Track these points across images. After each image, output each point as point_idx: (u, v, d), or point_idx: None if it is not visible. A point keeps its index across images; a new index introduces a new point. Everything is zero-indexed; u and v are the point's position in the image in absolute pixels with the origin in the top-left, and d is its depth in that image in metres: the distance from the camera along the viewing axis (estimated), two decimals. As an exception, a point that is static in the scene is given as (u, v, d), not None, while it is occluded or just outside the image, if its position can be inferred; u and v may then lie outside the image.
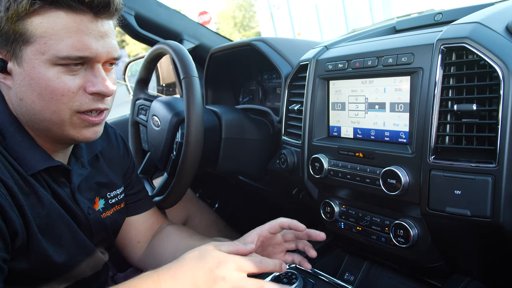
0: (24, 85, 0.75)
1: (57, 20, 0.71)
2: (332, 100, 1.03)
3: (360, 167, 0.93)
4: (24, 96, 0.76)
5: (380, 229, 0.93)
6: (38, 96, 0.75)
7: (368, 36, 1.15)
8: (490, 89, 0.74)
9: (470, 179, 0.73)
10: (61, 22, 0.72)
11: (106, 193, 1.00)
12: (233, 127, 1.30)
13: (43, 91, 0.74)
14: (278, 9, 11.04)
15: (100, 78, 0.78)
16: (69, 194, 0.88)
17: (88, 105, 0.78)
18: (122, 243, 1.15)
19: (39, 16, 0.71)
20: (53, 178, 0.85)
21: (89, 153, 0.98)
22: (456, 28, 0.80)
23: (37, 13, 0.71)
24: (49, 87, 0.74)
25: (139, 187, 1.17)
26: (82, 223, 0.90)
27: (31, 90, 0.75)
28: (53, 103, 0.75)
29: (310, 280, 0.99)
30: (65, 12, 0.72)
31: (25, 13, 0.71)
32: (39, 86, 0.74)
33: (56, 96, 0.75)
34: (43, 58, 0.72)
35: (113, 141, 1.10)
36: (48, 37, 0.71)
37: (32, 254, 0.78)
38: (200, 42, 1.76)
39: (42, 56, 0.72)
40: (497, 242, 0.78)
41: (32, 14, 0.71)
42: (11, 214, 0.72)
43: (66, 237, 0.85)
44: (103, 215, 0.98)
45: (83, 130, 0.81)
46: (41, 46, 0.72)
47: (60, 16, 0.72)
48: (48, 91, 0.74)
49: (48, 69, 0.73)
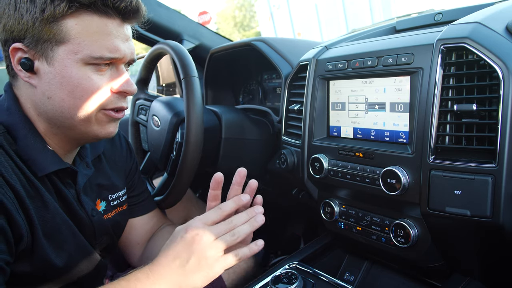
0: (54, 83, 0.77)
1: (91, 23, 0.76)
2: (332, 100, 1.03)
3: (360, 167, 0.93)
4: (53, 95, 0.78)
5: (380, 229, 0.93)
6: (69, 94, 0.78)
7: (368, 36, 1.15)
8: (490, 89, 0.74)
9: (470, 179, 0.73)
10: (95, 25, 0.76)
11: (107, 195, 1.00)
12: (233, 127, 1.30)
13: (74, 89, 0.78)
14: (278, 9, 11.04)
15: (125, 78, 0.84)
16: (74, 195, 0.89)
17: (114, 103, 0.83)
18: (123, 244, 1.15)
19: (73, 18, 0.75)
20: (60, 179, 0.86)
21: (93, 153, 0.98)
22: (456, 28, 0.80)
23: (72, 16, 0.75)
24: (80, 85, 0.78)
25: (141, 189, 1.17)
26: (86, 225, 0.90)
27: (61, 88, 0.77)
28: (83, 101, 0.79)
29: (310, 280, 0.99)
30: (99, 16, 0.76)
31: (62, 15, 0.74)
32: (70, 85, 0.77)
33: (86, 94, 0.79)
34: (76, 58, 0.76)
35: (116, 142, 1.10)
36: (82, 38, 0.76)
37: (35, 257, 0.78)
38: (200, 42, 1.76)
39: (75, 56, 0.76)
40: (497, 242, 0.78)
41: (68, 16, 0.74)
42: (17, 218, 0.73)
43: (68, 241, 0.85)
44: (105, 217, 0.98)
45: (106, 125, 0.85)
46: (75, 46, 0.76)
47: (94, 19, 0.76)
48: (79, 89, 0.78)
49: (80, 68, 0.77)
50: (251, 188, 0.90)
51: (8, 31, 0.75)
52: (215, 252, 0.76)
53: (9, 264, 0.72)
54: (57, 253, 0.82)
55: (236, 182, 0.89)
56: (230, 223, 0.81)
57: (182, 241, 0.77)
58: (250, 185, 0.90)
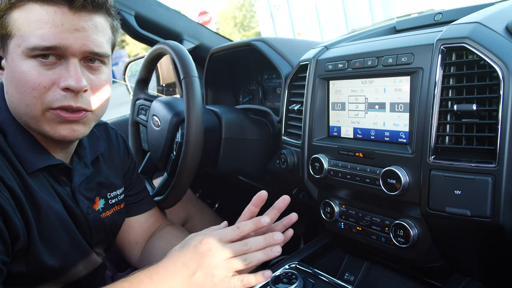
0: (7, 78, 0.76)
1: (31, 12, 0.73)
2: (332, 100, 1.03)
3: (360, 167, 0.93)
4: (7, 90, 0.78)
5: (380, 229, 0.93)
6: (15, 89, 0.75)
7: (368, 36, 1.15)
8: (490, 89, 0.74)
9: (470, 179, 0.73)
10: (35, 14, 0.72)
11: (106, 193, 1.00)
12: (233, 127, 1.30)
13: (18, 84, 0.75)
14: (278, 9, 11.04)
15: (72, 72, 0.75)
16: (69, 193, 0.88)
17: (60, 102, 0.76)
18: (121, 244, 1.15)
19: (18, 10, 0.73)
20: (54, 176, 0.85)
21: (93, 153, 0.98)
22: (456, 28, 0.80)
23: (17, 7, 0.73)
24: (22, 79, 0.74)
25: (140, 188, 1.17)
26: (81, 223, 0.90)
27: (11, 83, 0.76)
28: (26, 96, 0.75)
29: (310, 280, 0.99)
30: (40, 5, 0.73)
31: (6, 8, 0.73)
32: (15, 79, 0.75)
33: (27, 89, 0.74)
34: (19, 51, 0.73)
35: (114, 141, 1.10)
36: (23, 30, 0.73)
37: (30, 258, 0.78)
38: (200, 42, 1.76)
39: (18, 48, 0.73)
40: (497, 242, 0.78)
41: (13, 8, 0.73)
42: (13, 218, 0.72)
43: (63, 240, 0.84)
44: (103, 215, 0.98)
45: (57, 126, 0.78)
46: (18, 39, 0.73)
47: (35, 8, 0.73)
48: (21, 83, 0.74)
49: (23, 62, 0.74)
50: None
51: None
52: (223, 272, 0.74)
53: (6, 264, 0.72)
54: (52, 253, 0.82)
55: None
56: (246, 245, 0.77)
57: (194, 251, 0.75)
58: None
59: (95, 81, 0.81)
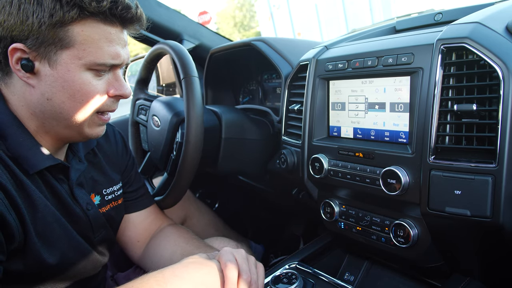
0: (56, 86, 0.79)
1: (96, 30, 0.78)
2: (332, 100, 1.03)
3: (360, 167, 0.93)
4: (53, 97, 0.80)
5: (380, 229, 0.93)
6: (70, 97, 0.80)
7: (368, 36, 1.15)
8: (490, 89, 0.74)
9: (470, 179, 0.73)
10: (100, 32, 0.78)
11: (102, 189, 1.01)
12: (233, 127, 1.30)
13: (75, 93, 0.80)
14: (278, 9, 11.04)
15: (121, 82, 0.86)
16: (68, 190, 0.89)
17: (109, 107, 0.87)
18: (122, 241, 1.16)
19: (80, 24, 0.76)
20: (52, 175, 0.86)
21: (85, 148, 0.99)
22: (456, 28, 0.80)
23: (79, 22, 0.76)
24: (82, 89, 0.80)
25: (139, 184, 1.17)
26: (81, 220, 0.90)
27: (62, 91, 0.79)
28: (83, 105, 0.82)
29: (310, 280, 0.99)
30: (103, 23, 0.78)
31: (70, 22, 0.75)
32: (72, 89, 0.79)
33: (87, 98, 0.81)
34: (79, 63, 0.78)
35: (111, 138, 1.10)
36: (88, 45, 0.77)
37: (28, 257, 0.78)
38: (200, 42, 1.76)
39: (78, 61, 0.78)
40: (497, 242, 0.78)
41: (75, 22, 0.76)
42: (8, 217, 0.72)
43: (62, 239, 0.85)
44: (99, 211, 0.98)
45: (96, 128, 0.88)
46: (80, 52, 0.77)
47: (99, 26, 0.78)
48: (81, 93, 0.80)
49: (82, 73, 0.79)
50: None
51: (6, 29, 0.75)
52: None
53: (2, 263, 0.72)
54: (50, 252, 0.82)
55: None
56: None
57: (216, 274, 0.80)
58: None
59: None
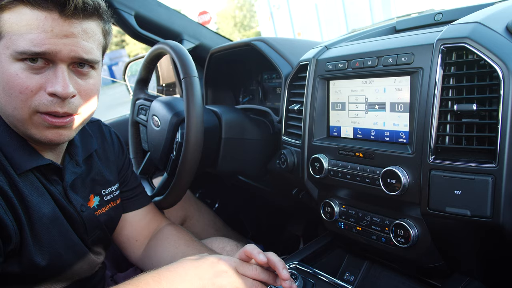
0: None
1: (22, 16, 0.72)
2: (332, 100, 1.03)
3: (360, 167, 0.93)
4: None
5: (380, 229, 0.93)
6: (2, 90, 0.75)
7: (368, 36, 1.15)
8: (490, 89, 0.73)
9: (470, 179, 0.73)
10: (25, 18, 0.72)
11: (100, 190, 1.00)
12: (233, 127, 1.30)
13: (5, 86, 0.75)
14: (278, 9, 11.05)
15: (59, 78, 0.75)
16: (62, 192, 0.88)
17: (47, 107, 0.76)
18: (120, 241, 1.15)
19: (8, 11, 0.73)
20: (45, 176, 0.85)
21: (85, 152, 0.98)
22: (456, 28, 0.80)
23: (7, 9, 0.73)
24: (9, 82, 0.74)
25: (134, 184, 1.17)
26: (76, 221, 0.90)
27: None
28: (13, 99, 0.75)
29: (310, 280, 0.99)
30: (30, 9, 0.72)
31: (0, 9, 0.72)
32: (3, 81, 0.74)
33: (14, 92, 0.74)
34: (7, 53, 0.73)
35: (108, 138, 1.10)
36: (13, 32, 0.72)
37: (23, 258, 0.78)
38: (200, 42, 1.76)
39: (7, 50, 0.73)
40: (497, 242, 0.78)
41: (3, 10, 0.73)
42: (5, 219, 0.72)
43: (57, 240, 0.84)
44: (98, 212, 0.98)
45: (45, 131, 0.78)
46: (7, 41, 0.73)
47: (25, 12, 0.72)
48: (8, 86, 0.74)
49: (11, 64, 0.73)
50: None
51: None
52: None
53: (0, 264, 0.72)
54: (45, 253, 0.81)
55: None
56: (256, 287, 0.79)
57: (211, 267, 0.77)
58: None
59: (83, 86, 0.81)
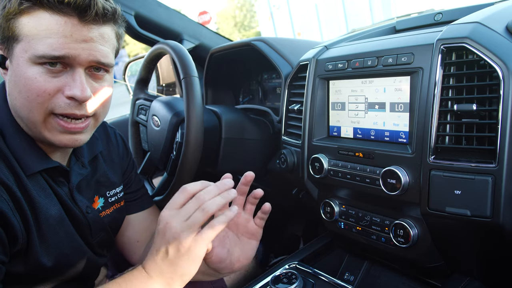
0: (11, 81, 0.77)
1: (41, 20, 0.73)
2: (332, 100, 1.03)
3: (360, 167, 0.93)
4: (10, 92, 0.78)
5: (380, 229, 0.93)
6: (19, 93, 0.76)
7: (368, 36, 1.15)
8: (490, 89, 0.74)
9: (470, 179, 0.73)
10: (45, 22, 0.73)
11: (105, 191, 1.01)
12: (233, 127, 1.30)
13: (22, 89, 0.75)
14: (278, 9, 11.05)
15: (78, 82, 0.76)
16: (68, 193, 0.89)
17: (63, 109, 0.77)
18: (121, 242, 1.15)
19: (27, 16, 0.73)
20: (51, 177, 0.86)
21: (90, 153, 0.98)
22: (456, 28, 0.80)
23: (26, 13, 0.73)
24: (27, 85, 0.74)
25: (138, 186, 1.17)
26: (81, 223, 0.90)
27: (15, 86, 0.76)
28: (30, 102, 0.75)
29: (310, 280, 0.99)
30: (50, 14, 0.73)
31: (15, 13, 0.73)
32: (20, 84, 0.75)
33: (31, 95, 0.75)
34: (26, 57, 0.74)
35: (113, 140, 1.10)
36: (32, 36, 0.73)
37: (29, 259, 0.78)
38: (200, 42, 1.76)
39: (25, 54, 0.74)
40: (497, 242, 0.78)
41: (22, 13, 0.73)
42: (12, 219, 0.72)
43: (63, 241, 0.85)
44: (103, 213, 0.99)
45: (58, 135, 0.79)
46: (26, 44, 0.73)
47: (45, 17, 0.73)
48: (26, 89, 0.75)
49: (29, 67, 0.74)
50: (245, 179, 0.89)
51: None
52: (187, 234, 0.72)
53: (5, 264, 0.73)
54: (51, 254, 0.82)
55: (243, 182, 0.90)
56: (197, 199, 0.75)
57: (158, 234, 0.76)
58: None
59: (98, 89, 0.82)
